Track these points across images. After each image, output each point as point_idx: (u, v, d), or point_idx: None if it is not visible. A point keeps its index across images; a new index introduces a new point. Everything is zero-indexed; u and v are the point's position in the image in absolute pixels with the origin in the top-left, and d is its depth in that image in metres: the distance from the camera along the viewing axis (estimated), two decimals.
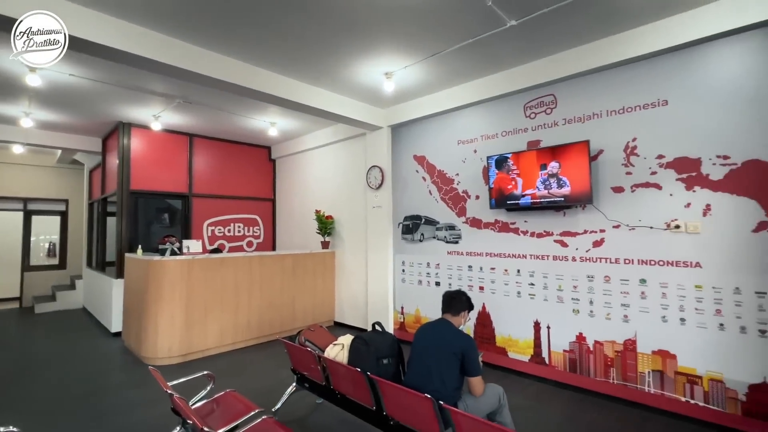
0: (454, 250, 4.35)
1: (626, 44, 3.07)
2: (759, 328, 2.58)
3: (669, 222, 2.95)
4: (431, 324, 2.37)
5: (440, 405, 1.84)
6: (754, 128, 2.63)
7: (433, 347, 2.20)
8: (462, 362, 2.13)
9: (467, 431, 1.76)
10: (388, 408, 2.19)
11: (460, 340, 2.17)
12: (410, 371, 2.28)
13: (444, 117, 4.50)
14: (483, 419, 1.79)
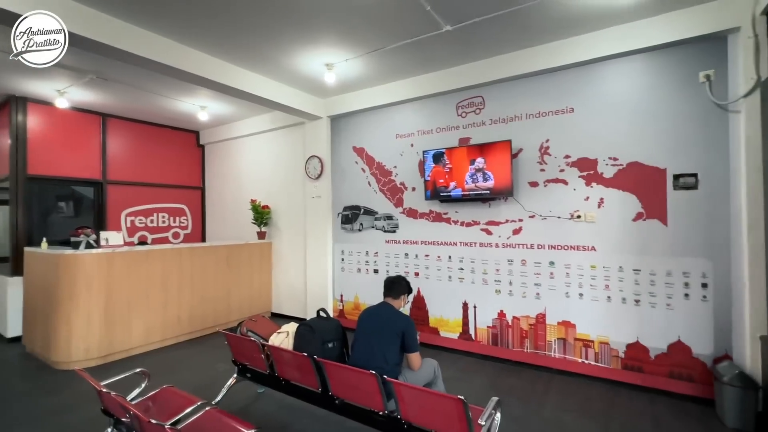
0: (392, 239, 4.58)
1: (542, 56, 3.49)
2: (634, 299, 3.20)
3: (572, 213, 3.47)
4: (374, 307, 2.54)
5: (383, 379, 2.02)
6: (636, 136, 3.20)
7: (377, 328, 2.37)
8: (402, 340, 2.33)
9: (407, 399, 1.97)
10: (333, 388, 2.32)
11: (400, 320, 2.38)
12: (355, 351, 2.43)
13: (383, 111, 4.66)
14: (419, 387, 2.01)
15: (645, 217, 3.16)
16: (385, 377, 2.01)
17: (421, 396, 1.99)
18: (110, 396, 1.91)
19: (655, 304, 3.12)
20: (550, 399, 3.06)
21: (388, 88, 4.45)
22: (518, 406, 2.93)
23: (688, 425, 2.66)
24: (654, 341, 3.12)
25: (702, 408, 2.87)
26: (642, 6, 2.87)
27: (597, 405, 2.95)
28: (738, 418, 2.60)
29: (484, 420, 1.84)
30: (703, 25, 2.83)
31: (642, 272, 3.17)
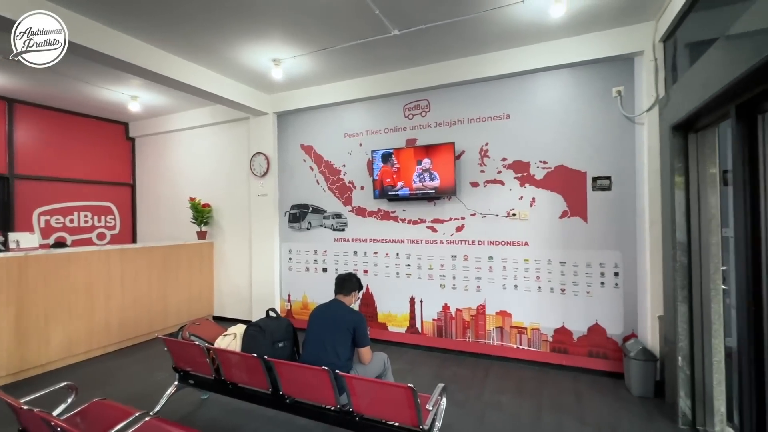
0: (341, 237, 4.61)
1: (483, 65, 3.74)
2: (561, 288, 3.57)
3: (509, 211, 3.77)
4: (325, 305, 2.57)
5: (336, 374, 2.06)
6: (562, 142, 3.57)
7: (328, 325, 2.41)
8: (354, 336, 2.39)
9: (359, 391, 2.04)
10: (284, 387, 2.31)
11: (352, 316, 2.43)
12: (307, 349, 2.44)
13: (332, 109, 4.66)
14: (370, 378, 2.09)
15: (569, 215, 3.54)
16: (338, 372, 2.05)
17: (372, 388, 2.07)
18: (33, 413, 1.74)
19: (578, 292, 3.51)
20: (489, 383, 3.31)
21: (337, 87, 4.47)
22: (461, 392, 3.14)
23: (603, 397, 3.05)
24: (576, 325, 3.51)
25: (614, 381, 3.30)
26: (566, 26, 3.20)
27: (529, 385, 3.26)
28: (641, 387, 3.03)
29: (432, 405, 1.97)
30: (615, 47, 3.24)
31: (567, 264, 3.55)
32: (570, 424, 2.66)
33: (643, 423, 2.68)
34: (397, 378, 2.85)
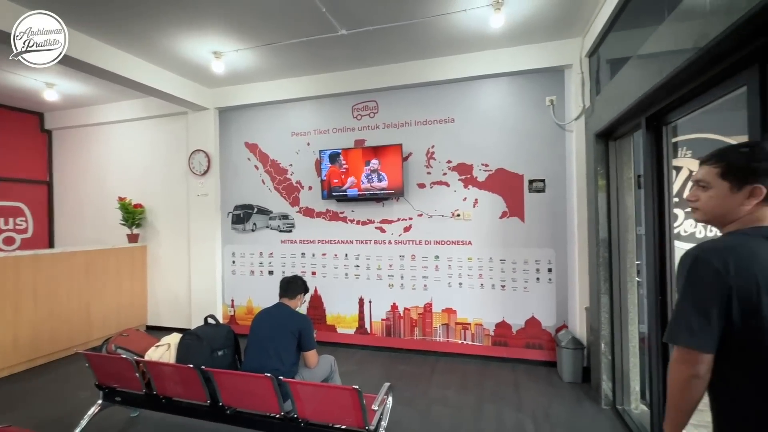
0: (288, 239, 4.48)
1: (429, 69, 3.84)
2: (501, 284, 3.77)
3: (453, 211, 3.90)
4: (269, 309, 2.48)
5: (279, 380, 2.00)
6: (502, 146, 3.77)
7: (272, 329, 2.32)
8: (299, 339, 2.33)
9: (303, 397, 1.99)
10: (224, 398, 2.19)
11: (297, 319, 2.37)
12: (249, 356, 2.34)
13: (278, 107, 4.52)
14: (315, 383, 2.06)
15: (509, 215, 3.75)
16: (281, 378, 1.99)
17: (317, 392, 2.04)
18: None
19: (516, 288, 3.73)
20: (436, 379, 3.41)
21: (284, 84, 4.34)
22: (408, 389, 3.19)
23: (538, 385, 3.27)
24: (515, 319, 3.73)
25: (548, 369, 3.55)
26: (505, 37, 3.39)
27: (473, 379, 3.40)
28: (571, 373, 3.29)
29: (377, 405, 1.98)
30: (548, 60, 3.49)
31: (506, 262, 3.75)
32: (508, 413, 2.82)
33: (572, 406, 2.91)
34: (346, 380, 2.83)
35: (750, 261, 0.94)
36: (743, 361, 0.95)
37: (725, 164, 1.05)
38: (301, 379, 2.32)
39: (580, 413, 2.81)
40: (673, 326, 1.02)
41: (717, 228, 1.12)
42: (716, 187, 1.07)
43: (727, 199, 1.05)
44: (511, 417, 2.77)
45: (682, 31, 1.66)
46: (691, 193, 1.14)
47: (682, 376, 1.00)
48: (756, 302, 0.91)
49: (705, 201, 1.10)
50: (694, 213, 1.14)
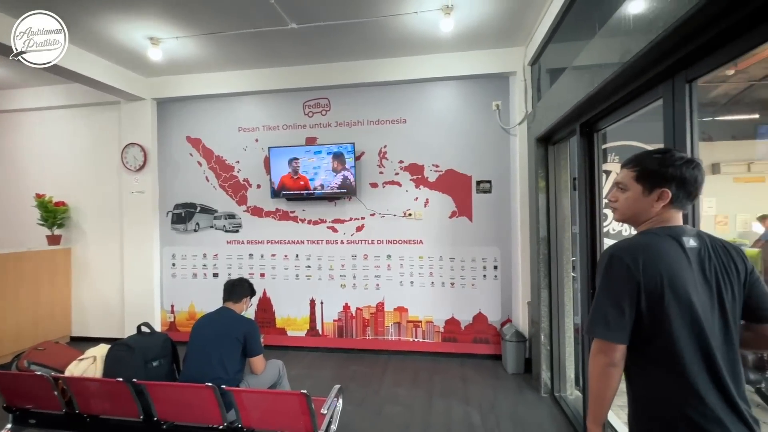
0: (234, 239, 4.27)
1: (381, 69, 3.84)
2: (450, 282, 3.88)
3: (405, 211, 3.95)
4: (211, 314, 2.34)
5: (222, 390, 1.89)
6: (451, 147, 3.88)
7: (215, 336, 2.19)
8: (244, 345, 2.22)
9: (248, 405, 1.90)
10: (160, 412, 2.03)
11: (242, 324, 2.26)
12: (188, 365, 2.18)
13: (224, 101, 4.28)
14: (261, 389, 1.97)
15: (458, 215, 3.87)
16: (224, 387, 1.88)
17: (263, 399, 1.95)
18: None
19: (464, 285, 3.86)
20: (387, 378, 3.43)
21: (230, 77, 4.12)
22: (360, 390, 3.18)
23: (484, 377, 3.41)
24: (463, 315, 3.86)
25: (494, 362, 3.72)
26: (455, 42, 3.49)
27: (423, 375, 3.46)
28: (514, 365, 3.47)
29: (327, 409, 1.95)
30: (494, 66, 3.65)
31: (455, 260, 3.87)
32: (457, 407, 2.90)
33: (515, 396, 3.07)
34: (296, 384, 2.75)
35: (657, 258, 1.02)
36: (651, 348, 1.04)
37: (640, 168, 1.13)
38: (247, 386, 2.22)
39: (522, 402, 2.97)
40: (592, 320, 1.08)
41: (632, 226, 1.21)
42: (632, 189, 1.15)
43: (640, 201, 1.13)
44: (459, 411, 2.85)
45: (609, 46, 1.80)
46: (612, 194, 1.22)
47: (599, 366, 1.07)
48: (660, 295, 1.00)
49: (622, 201, 1.18)
50: (614, 212, 1.23)
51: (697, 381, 0.98)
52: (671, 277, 1.00)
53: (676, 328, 0.99)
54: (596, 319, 1.07)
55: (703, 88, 6.56)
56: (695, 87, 1.45)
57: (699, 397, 0.97)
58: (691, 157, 1.10)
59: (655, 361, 1.04)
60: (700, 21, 1.23)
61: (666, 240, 1.07)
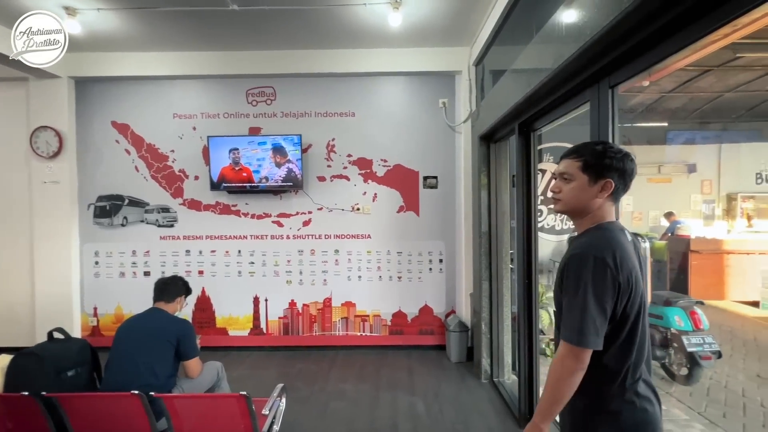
0: (169, 235, 3.96)
1: (329, 60, 3.75)
2: (397, 275, 3.93)
3: (353, 205, 3.93)
4: (139, 316, 2.14)
5: (151, 397, 1.74)
6: (400, 143, 3.91)
7: (143, 339, 2.01)
8: (177, 348, 2.07)
9: (181, 411, 1.77)
10: (77, 428, 1.82)
11: (174, 325, 2.10)
12: (110, 372, 1.98)
13: (156, 84, 3.93)
14: (196, 394, 1.85)
15: (405, 210, 3.92)
16: (153, 394, 1.73)
17: (198, 403, 1.83)
18: None
19: (411, 278, 3.93)
20: (334, 373, 3.40)
21: (164, 58, 3.78)
22: (306, 387, 3.12)
23: (429, 367, 3.51)
24: (410, 308, 3.94)
25: (438, 352, 3.84)
26: (404, 37, 3.50)
27: (370, 369, 3.48)
28: (457, 354, 3.61)
29: (268, 409, 1.87)
30: (441, 64, 3.73)
31: (403, 254, 3.93)
32: (402, 398, 2.96)
33: (457, 384, 3.19)
34: (237, 386, 2.62)
35: (625, 256, 1.02)
36: (614, 338, 1.05)
37: (585, 158, 1.11)
38: (181, 391, 2.07)
39: (463, 389, 3.10)
40: (582, 329, 0.99)
41: (573, 219, 1.18)
42: (578, 179, 1.11)
43: (585, 191, 1.10)
44: (404, 401, 2.91)
45: (544, 51, 1.91)
46: (555, 185, 1.17)
47: (570, 371, 1.02)
48: (630, 292, 1.03)
49: (567, 192, 1.13)
50: (556, 204, 1.17)
51: (645, 357, 1.07)
52: (636, 274, 1.03)
53: (639, 319, 1.04)
54: (587, 328, 0.99)
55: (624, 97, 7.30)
56: (617, 92, 1.58)
57: (645, 370, 1.08)
58: (627, 150, 1.12)
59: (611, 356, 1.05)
60: (621, 31, 1.34)
61: (622, 235, 1.08)
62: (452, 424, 2.61)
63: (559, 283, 1.11)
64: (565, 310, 1.05)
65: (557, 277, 1.14)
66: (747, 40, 4.52)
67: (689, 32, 1.18)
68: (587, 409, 1.09)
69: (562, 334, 1.04)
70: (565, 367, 1.02)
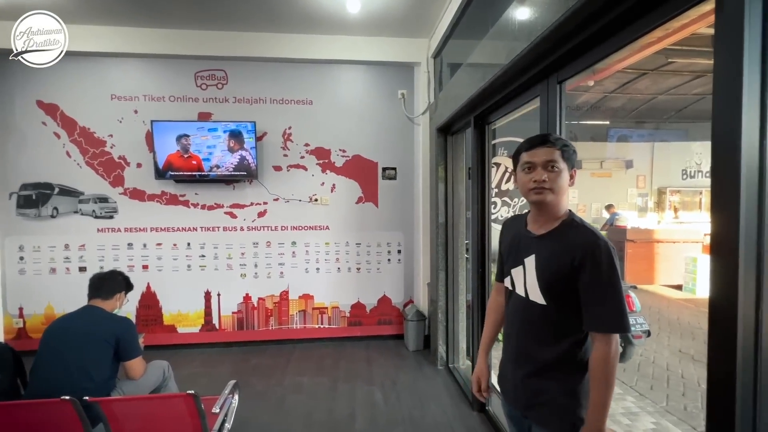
0: (108, 227, 3.66)
1: (286, 45, 3.60)
2: (356, 267, 3.92)
3: (311, 196, 3.84)
4: (70, 315, 1.96)
5: (85, 402, 1.60)
6: (359, 133, 3.87)
7: (76, 339, 1.84)
8: (116, 348, 1.92)
9: (121, 416, 1.65)
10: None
11: (113, 324, 1.94)
12: (36, 378, 1.80)
13: (91, 61, 3.57)
14: (139, 395, 1.74)
15: (364, 201, 3.90)
16: (87, 399, 1.60)
17: (141, 406, 1.72)
18: None
19: (370, 269, 3.94)
20: (291, 367, 3.34)
21: (100, 33, 3.43)
22: (261, 383, 3.04)
23: (387, 357, 3.55)
24: (369, 298, 3.95)
25: (397, 342, 3.90)
26: (363, 25, 3.44)
27: (328, 361, 3.46)
28: (415, 342, 3.69)
29: (219, 407, 1.80)
30: (400, 55, 3.71)
31: (362, 245, 3.92)
32: (361, 388, 2.97)
33: (415, 372, 3.26)
34: (186, 385, 2.47)
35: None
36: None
37: (561, 148, 1.09)
38: (120, 394, 1.93)
39: (420, 376, 3.18)
40: (623, 315, 1.01)
41: (547, 209, 1.12)
42: (564, 169, 1.09)
43: (566, 181, 1.10)
44: (362, 391, 2.92)
45: (497, 46, 1.95)
46: (543, 174, 1.08)
47: (614, 357, 1.02)
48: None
49: (555, 180, 1.08)
50: (542, 194, 1.09)
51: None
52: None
53: None
54: (624, 315, 1.01)
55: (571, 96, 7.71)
56: (565, 88, 1.65)
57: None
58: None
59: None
60: (568, 29, 1.40)
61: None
62: (409, 410, 2.66)
63: (570, 273, 1.06)
64: (600, 299, 1.02)
65: (560, 267, 1.08)
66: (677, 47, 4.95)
67: (627, 32, 1.25)
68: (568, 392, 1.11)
69: (606, 321, 1.01)
70: (614, 356, 1.02)
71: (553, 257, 1.09)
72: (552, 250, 1.11)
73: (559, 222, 1.13)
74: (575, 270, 1.05)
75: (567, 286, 1.07)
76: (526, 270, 1.17)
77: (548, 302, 1.11)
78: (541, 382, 1.14)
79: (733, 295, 0.87)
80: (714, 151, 0.93)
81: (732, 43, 0.88)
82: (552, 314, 1.11)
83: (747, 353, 0.87)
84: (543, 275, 1.11)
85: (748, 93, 0.85)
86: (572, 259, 1.05)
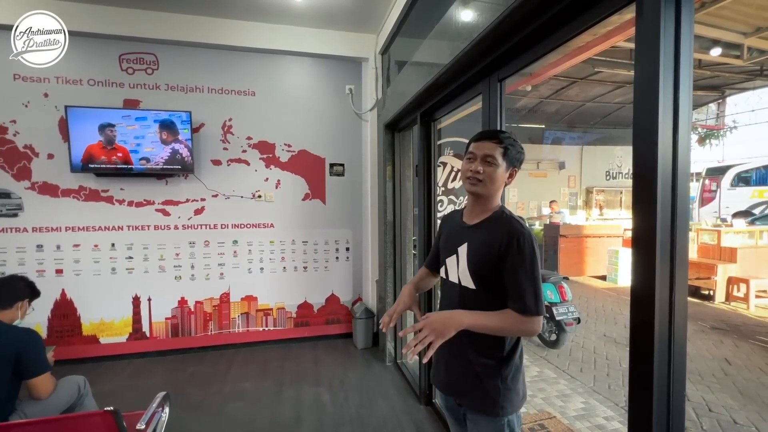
0: (11, 227, 3.18)
1: (224, 31, 3.37)
2: (303, 266, 3.80)
3: (254, 192, 3.65)
4: None
5: None
6: (305, 128, 3.75)
7: None
8: (17, 364, 1.66)
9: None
10: None
11: (12, 337, 1.68)
12: None
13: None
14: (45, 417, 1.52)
15: (311, 197, 3.79)
16: None
17: (47, 429, 1.50)
18: None
19: (318, 268, 3.84)
20: (233, 374, 3.15)
21: (3, 1, 2.97)
22: (198, 392, 2.83)
23: (335, 356, 3.48)
24: (316, 298, 3.85)
25: (345, 340, 3.84)
26: (309, 16, 3.32)
27: (273, 365, 3.32)
28: (363, 340, 3.66)
29: (145, 423, 1.62)
30: (347, 49, 3.64)
31: (309, 243, 3.80)
32: (307, 390, 2.88)
33: (363, 369, 3.23)
34: (108, 401, 2.21)
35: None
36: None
37: (505, 146, 1.14)
38: (23, 417, 1.67)
39: (369, 374, 3.16)
40: (540, 301, 1.08)
41: (479, 202, 1.20)
42: (501, 164, 1.14)
43: (501, 177, 1.16)
44: (309, 393, 2.83)
45: (441, 44, 1.98)
46: (478, 166, 1.14)
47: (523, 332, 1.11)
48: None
49: (490, 175, 1.14)
50: (476, 185, 1.15)
51: None
52: None
53: None
54: (540, 299, 1.09)
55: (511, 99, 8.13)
56: (504, 86, 1.71)
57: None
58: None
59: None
60: (506, 28, 1.44)
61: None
62: (357, 408, 2.63)
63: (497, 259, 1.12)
64: (520, 283, 1.08)
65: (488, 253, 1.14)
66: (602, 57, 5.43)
67: (559, 34, 1.32)
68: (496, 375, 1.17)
69: (524, 304, 1.07)
70: (522, 329, 1.09)
71: (483, 245, 1.16)
72: (482, 238, 1.17)
73: (491, 213, 1.20)
74: (501, 256, 1.11)
75: (494, 271, 1.14)
76: (459, 258, 1.23)
77: (477, 287, 1.18)
78: (471, 366, 1.20)
79: (651, 283, 0.95)
80: (635, 154, 1.01)
81: (650, 50, 0.95)
82: (481, 298, 1.17)
83: (662, 334, 0.95)
84: (473, 261, 1.18)
85: (663, 101, 0.93)
86: (499, 246, 1.12)
